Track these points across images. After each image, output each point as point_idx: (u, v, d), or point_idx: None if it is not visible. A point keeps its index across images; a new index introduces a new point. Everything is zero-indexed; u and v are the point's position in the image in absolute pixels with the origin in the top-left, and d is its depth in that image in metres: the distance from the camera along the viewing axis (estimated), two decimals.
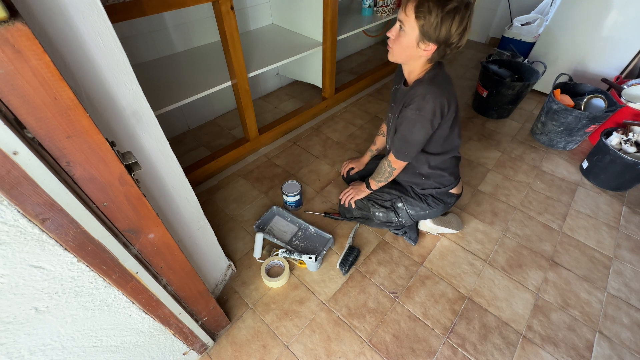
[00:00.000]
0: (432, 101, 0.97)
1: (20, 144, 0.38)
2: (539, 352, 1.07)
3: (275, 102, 2.24)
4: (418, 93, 0.99)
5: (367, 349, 1.07)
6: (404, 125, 1.05)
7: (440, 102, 0.98)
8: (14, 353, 0.54)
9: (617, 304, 1.19)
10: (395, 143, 1.11)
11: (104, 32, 0.56)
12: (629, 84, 1.75)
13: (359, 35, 2.82)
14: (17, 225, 0.44)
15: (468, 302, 1.19)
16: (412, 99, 1.01)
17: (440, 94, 0.98)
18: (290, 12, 1.89)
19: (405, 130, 1.05)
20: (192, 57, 1.63)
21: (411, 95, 1.01)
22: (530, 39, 2.39)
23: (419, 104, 0.99)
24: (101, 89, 0.59)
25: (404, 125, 1.05)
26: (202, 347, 1.03)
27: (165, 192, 0.83)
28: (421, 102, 0.98)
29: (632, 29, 1.85)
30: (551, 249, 1.37)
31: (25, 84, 0.37)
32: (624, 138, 1.55)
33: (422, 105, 0.99)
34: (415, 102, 1.00)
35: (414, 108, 1.00)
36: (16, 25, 0.34)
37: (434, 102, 0.97)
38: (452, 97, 1.03)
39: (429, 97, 0.97)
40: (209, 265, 1.12)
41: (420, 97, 0.98)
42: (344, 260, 1.27)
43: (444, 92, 0.99)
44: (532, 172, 1.74)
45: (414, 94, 1.00)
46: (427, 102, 0.98)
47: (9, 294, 0.49)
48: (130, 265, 0.61)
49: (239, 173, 1.71)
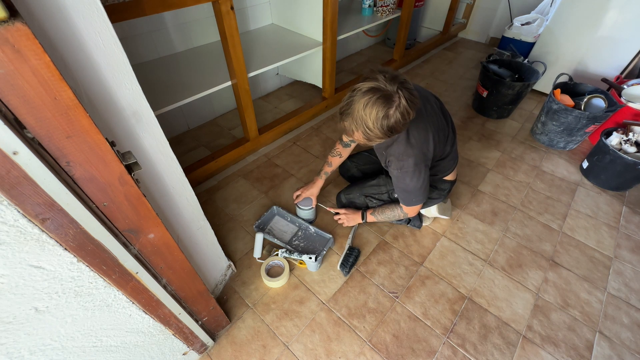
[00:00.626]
0: (412, 156, 1.00)
1: (20, 144, 0.38)
2: (539, 352, 1.07)
3: (275, 102, 2.24)
4: (392, 153, 1.03)
5: (367, 349, 1.07)
6: (396, 181, 1.09)
7: (420, 152, 1.01)
8: (14, 353, 0.54)
9: (617, 304, 1.19)
10: (399, 196, 1.14)
11: (104, 32, 0.55)
12: (629, 84, 1.75)
13: (359, 35, 2.82)
14: (17, 225, 0.44)
15: (468, 302, 1.19)
16: (390, 160, 1.05)
17: (414, 148, 1.00)
18: (290, 12, 1.89)
19: (401, 184, 1.08)
20: (192, 57, 1.63)
21: (389, 154, 1.05)
22: (530, 39, 2.39)
23: (399, 164, 1.03)
24: (101, 89, 0.59)
25: (396, 181, 1.09)
26: (202, 347, 1.03)
27: (165, 192, 0.83)
28: (399, 162, 1.02)
29: (632, 29, 1.85)
30: (551, 249, 1.37)
31: (25, 84, 0.37)
32: (624, 138, 1.55)
33: (402, 164, 1.02)
34: (393, 163, 1.04)
35: (396, 168, 1.03)
36: (16, 25, 0.34)
37: (413, 156, 1.00)
38: (432, 130, 1.03)
39: (404, 156, 1.01)
40: (209, 265, 1.12)
41: (394, 158, 1.03)
42: (344, 261, 1.27)
43: (419, 142, 1.01)
44: (532, 172, 1.74)
45: (389, 154, 1.04)
46: (405, 159, 1.01)
47: (9, 294, 0.49)
48: (130, 265, 0.61)
49: (239, 173, 1.71)
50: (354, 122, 0.86)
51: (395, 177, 1.08)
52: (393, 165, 1.04)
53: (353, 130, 0.89)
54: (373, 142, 0.92)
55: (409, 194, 1.10)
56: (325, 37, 1.79)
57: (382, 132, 0.85)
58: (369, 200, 1.34)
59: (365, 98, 0.83)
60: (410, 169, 1.02)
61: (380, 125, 0.83)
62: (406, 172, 1.03)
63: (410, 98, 0.84)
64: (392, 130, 0.85)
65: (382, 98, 0.82)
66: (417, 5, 2.57)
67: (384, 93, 0.82)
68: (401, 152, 1.02)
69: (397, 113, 0.83)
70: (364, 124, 0.85)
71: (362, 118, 0.84)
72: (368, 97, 0.82)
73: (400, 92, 0.82)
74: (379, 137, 0.88)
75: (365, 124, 0.84)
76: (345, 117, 0.88)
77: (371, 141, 0.91)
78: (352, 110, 0.86)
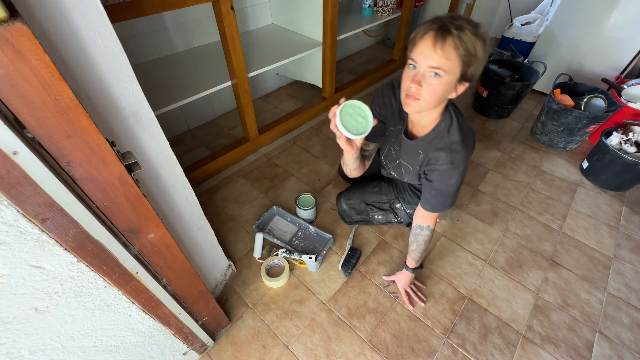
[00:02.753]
0: (466, 147, 0.88)
1: (20, 144, 0.38)
2: (539, 352, 1.07)
3: (275, 102, 2.24)
4: (442, 145, 0.89)
5: (367, 349, 1.07)
6: (439, 181, 0.93)
7: (471, 143, 0.90)
8: (14, 353, 0.54)
9: (617, 304, 1.19)
10: (430, 200, 0.98)
11: (104, 32, 0.55)
12: (629, 84, 1.75)
13: (359, 35, 2.82)
14: (17, 225, 0.44)
15: (468, 302, 1.19)
16: (435, 157, 0.90)
17: (468, 137, 0.88)
18: (290, 12, 1.89)
19: (443, 184, 0.92)
20: (192, 57, 1.63)
21: (436, 147, 0.90)
22: (530, 39, 2.39)
23: (450, 158, 0.88)
24: (101, 89, 0.59)
25: (439, 181, 0.93)
26: (202, 347, 1.03)
27: (165, 192, 0.83)
28: (451, 155, 0.87)
29: (632, 29, 1.85)
30: (551, 249, 1.37)
31: (25, 84, 0.37)
32: (624, 138, 1.55)
33: (454, 158, 0.87)
34: (442, 157, 0.89)
35: (446, 162, 0.88)
36: (16, 25, 0.34)
37: (467, 148, 0.88)
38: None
39: (459, 146, 0.87)
40: (209, 265, 1.12)
41: (446, 150, 0.88)
42: (346, 262, 1.27)
43: (469, 131, 0.90)
44: (532, 172, 1.74)
45: (437, 147, 0.89)
46: (460, 151, 0.87)
47: (9, 294, 0.48)
48: (130, 265, 0.61)
49: (239, 173, 1.71)
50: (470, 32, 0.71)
51: (439, 176, 0.91)
52: (442, 160, 0.89)
53: (466, 43, 0.71)
54: (464, 63, 0.73)
55: (445, 196, 0.95)
56: (325, 37, 1.79)
57: (482, 45, 0.73)
58: (369, 209, 1.31)
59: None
60: (462, 164, 0.88)
61: (483, 39, 0.73)
62: (457, 167, 0.88)
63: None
64: (486, 46, 0.75)
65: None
66: (417, 5, 2.57)
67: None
68: (456, 141, 0.87)
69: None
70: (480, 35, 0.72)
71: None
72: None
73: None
74: (476, 55, 0.73)
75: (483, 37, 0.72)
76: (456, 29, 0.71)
77: (464, 60, 0.73)
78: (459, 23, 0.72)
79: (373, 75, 2.39)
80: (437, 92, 0.77)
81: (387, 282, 1.24)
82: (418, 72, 0.76)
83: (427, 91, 0.77)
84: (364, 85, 2.36)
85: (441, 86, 0.76)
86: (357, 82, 2.29)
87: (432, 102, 0.79)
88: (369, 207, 1.31)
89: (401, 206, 1.27)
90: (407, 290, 1.19)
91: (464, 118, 0.92)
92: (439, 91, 0.77)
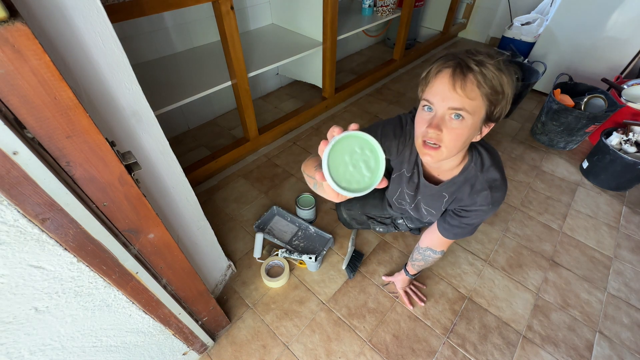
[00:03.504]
0: (505, 184, 0.80)
1: (20, 144, 0.38)
2: (539, 352, 1.07)
3: (275, 102, 2.24)
4: (481, 187, 0.79)
5: (367, 349, 1.07)
6: (475, 218, 0.84)
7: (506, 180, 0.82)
8: (14, 353, 0.54)
9: (617, 304, 1.19)
10: (455, 230, 0.88)
11: (104, 32, 0.55)
12: (629, 84, 1.75)
13: (359, 35, 2.82)
14: (17, 225, 0.44)
15: (468, 302, 1.19)
16: (475, 199, 0.81)
17: (503, 173, 0.80)
18: (290, 12, 1.89)
19: (477, 219, 0.84)
20: (192, 57, 1.63)
21: (475, 189, 0.80)
22: (531, 39, 2.39)
23: (491, 198, 0.79)
24: (101, 89, 0.59)
25: (475, 218, 0.84)
26: (202, 347, 1.02)
27: (165, 192, 0.83)
28: (493, 194, 0.79)
29: (632, 29, 1.85)
30: (551, 249, 1.37)
31: (25, 84, 0.37)
32: (624, 138, 1.55)
33: (495, 197, 0.79)
34: (482, 198, 0.80)
35: (487, 202, 0.80)
36: (16, 25, 0.34)
37: (505, 184, 0.81)
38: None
39: (500, 184, 0.79)
40: (209, 265, 1.12)
41: (487, 191, 0.79)
42: (351, 264, 1.26)
43: (502, 165, 0.82)
44: (532, 172, 1.74)
45: (475, 190, 0.80)
46: (500, 189, 0.79)
47: (9, 294, 0.48)
48: (130, 265, 0.61)
49: (239, 173, 1.71)
50: (497, 71, 0.62)
51: (476, 214, 0.82)
52: (481, 201, 0.79)
53: (491, 81, 0.62)
54: (489, 102, 0.64)
55: (473, 227, 0.87)
56: (325, 37, 1.79)
57: (510, 82, 0.64)
58: (371, 222, 1.28)
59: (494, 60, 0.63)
60: (502, 199, 0.80)
61: (509, 75, 0.64)
62: (497, 204, 0.80)
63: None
64: (514, 82, 0.65)
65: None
66: (417, 5, 2.57)
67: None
68: (497, 178, 0.78)
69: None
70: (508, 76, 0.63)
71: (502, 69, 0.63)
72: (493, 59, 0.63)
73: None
74: (503, 94, 0.64)
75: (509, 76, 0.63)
76: (481, 66, 0.62)
77: (490, 100, 0.64)
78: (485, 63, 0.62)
79: (373, 75, 2.39)
80: (460, 137, 0.66)
81: (386, 282, 1.24)
82: (436, 114, 0.65)
83: (449, 136, 0.65)
84: (364, 85, 2.36)
85: (465, 130, 0.65)
86: (357, 82, 2.29)
87: (455, 148, 0.68)
88: (371, 221, 1.28)
89: (403, 222, 1.24)
90: (406, 291, 1.19)
91: (489, 146, 0.83)
92: (463, 135, 0.66)
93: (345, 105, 2.24)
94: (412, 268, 1.11)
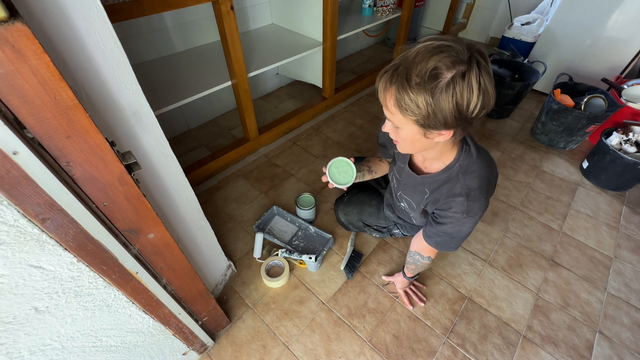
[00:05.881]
0: (487, 193, 0.76)
1: (20, 144, 0.38)
2: (539, 352, 1.07)
3: (275, 102, 2.24)
4: (457, 191, 0.76)
5: (367, 349, 1.07)
6: (450, 226, 0.82)
7: (492, 187, 0.78)
8: (14, 353, 0.54)
9: (617, 304, 1.19)
10: (436, 240, 0.88)
11: (104, 32, 0.55)
12: (629, 84, 1.75)
13: (359, 35, 2.82)
14: (17, 225, 0.44)
15: (468, 302, 1.19)
16: (447, 203, 0.78)
17: (490, 182, 0.76)
18: (290, 12, 1.89)
19: (453, 228, 0.82)
20: (192, 57, 1.63)
21: (449, 192, 0.78)
22: (531, 39, 2.39)
23: (465, 207, 0.76)
24: (101, 89, 0.59)
25: (450, 226, 0.82)
26: (202, 347, 1.02)
27: (165, 192, 0.83)
28: (468, 204, 0.75)
29: (632, 29, 1.85)
30: (551, 249, 1.37)
31: (25, 84, 0.37)
32: (624, 138, 1.55)
33: (470, 207, 0.76)
34: (456, 205, 0.77)
35: (460, 211, 0.77)
36: (16, 25, 0.34)
37: (488, 194, 0.76)
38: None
39: (479, 193, 0.75)
40: (209, 265, 1.12)
41: (462, 198, 0.75)
42: (350, 265, 1.26)
43: (493, 174, 0.78)
44: (532, 172, 1.74)
45: (450, 192, 0.77)
46: (478, 199, 0.75)
47: (9, 294, 0.48)
48: (130, 265, 0.61)
49: (239, 173, 1.71)
50: (421, 88, 0.56)
51: (451, 223, 0.80)
52: (456, 207, 0.77)
53: (413, 99, 0.58)
54: (409, 116, 0.61)
55: (453, 239, 0.85)
56: (325, 37, 1.79)
57: (430, 97, 0.57)
58: (367, 229, 1.29)
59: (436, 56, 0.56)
60: (479, 213, 0.77)
61: (432, 91, 0.56)
62: (472, 216, 0.77)
63: (486, 87, 0.57)
64: (444, 96, 0.56)
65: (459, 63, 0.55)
66: (417, 5, 2.57)
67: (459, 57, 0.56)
68: (474, 187, 0.74)
69: (461, 86, 0.56)
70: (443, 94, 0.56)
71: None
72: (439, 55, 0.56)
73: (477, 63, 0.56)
74: (419, 107, 0.58)
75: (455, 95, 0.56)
76: (404, 79, 0.57)
77: (407, 114, 0.60)
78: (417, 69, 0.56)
79: (373, 75, 2.39)
80: (406, 141, 0.68)
81: (386, 281, 1.24)
82: (387, 122, 0.69)
83: (400, 140, 0.70)
84: (364, 85, 2.36)
85: (406, 136, 0.66)
86: (357, 82, 2.29)
87: (411, 150, 0.71)
88: (367, 227, 1.28)
89: (399, 231, 1.24)
90: (406, 291, 1.19)
91: (485, 153, 0.80)
92: (407, 140, 0.68)
93: (345, 105, 2.24)
94: (408, 271, 1.11)
